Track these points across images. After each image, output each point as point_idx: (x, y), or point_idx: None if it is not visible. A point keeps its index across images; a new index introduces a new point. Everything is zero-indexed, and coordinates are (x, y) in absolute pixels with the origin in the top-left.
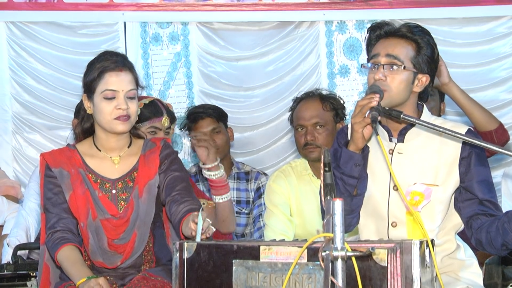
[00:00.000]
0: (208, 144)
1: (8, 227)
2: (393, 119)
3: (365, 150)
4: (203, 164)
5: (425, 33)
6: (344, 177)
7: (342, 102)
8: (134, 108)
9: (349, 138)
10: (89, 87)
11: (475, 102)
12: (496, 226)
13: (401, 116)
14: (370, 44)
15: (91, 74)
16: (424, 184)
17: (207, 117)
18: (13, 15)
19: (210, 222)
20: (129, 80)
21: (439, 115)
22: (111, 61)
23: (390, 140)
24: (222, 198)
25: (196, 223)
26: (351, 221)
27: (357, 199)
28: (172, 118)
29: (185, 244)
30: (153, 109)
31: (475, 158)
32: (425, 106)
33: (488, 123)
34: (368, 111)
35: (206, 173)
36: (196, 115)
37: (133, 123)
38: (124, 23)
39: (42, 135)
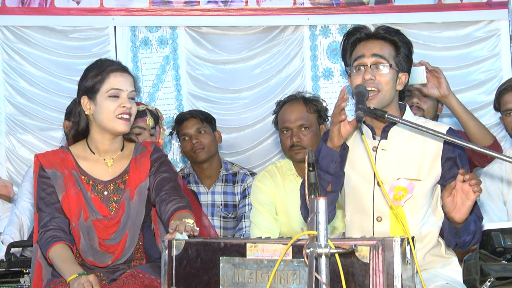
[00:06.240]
0: None
1: (1, 225)
2: (378, 119)
3: (344, 149)
4: None
5: (399, 33)
6: (320, 172)
7: (324, 104)
8: (134, 109)
9: None
10: (91, 88)
11: (473, 116)
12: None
13: (386, 115)
14: (345, 49)
15: (94, 76)
16: (407, 179)
17: (192, 118)
18: (6, 20)
19: (189, 223)
20: (131, 82)
21: (437, 115)
22: (115, 64)
23: (374, 138)
24: None
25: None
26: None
27: (331, 196)
28: (156, 118)
29: (174, 242)
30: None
31: (460, 160)
32: (407, 106)
33: (483, 138)
34: (354, 111)
35: None
36: (181, 116)
37: (131, 125)
38: (115, 27)
39: (34, 136)
